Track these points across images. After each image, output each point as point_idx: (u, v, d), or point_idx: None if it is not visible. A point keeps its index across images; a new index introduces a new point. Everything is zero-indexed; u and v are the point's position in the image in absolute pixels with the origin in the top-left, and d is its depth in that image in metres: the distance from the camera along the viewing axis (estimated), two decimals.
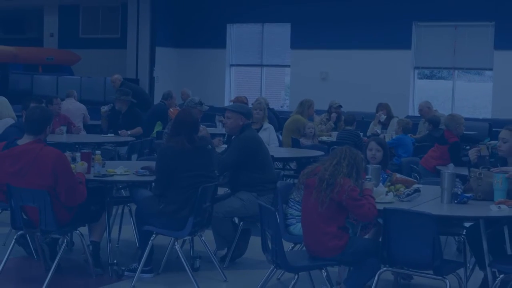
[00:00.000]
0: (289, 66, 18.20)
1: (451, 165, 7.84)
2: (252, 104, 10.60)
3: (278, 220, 5.29)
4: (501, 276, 5.04)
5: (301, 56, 17.67)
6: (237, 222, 6.71)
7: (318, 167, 5.13)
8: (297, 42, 17.75)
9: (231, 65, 18.97)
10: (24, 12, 22.28)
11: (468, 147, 7.92)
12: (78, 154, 6.57)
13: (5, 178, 5.69)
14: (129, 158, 9.17)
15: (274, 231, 4.97)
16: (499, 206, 5.12)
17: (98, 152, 6.55)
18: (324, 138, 11.07)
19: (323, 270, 5.15)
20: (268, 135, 9.32)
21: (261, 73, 18.87)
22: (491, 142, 7.82)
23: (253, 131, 6.92)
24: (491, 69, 16.01)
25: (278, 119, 12.59)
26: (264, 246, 5.19)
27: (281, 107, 19.15)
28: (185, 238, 6.33)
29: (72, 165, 6.01)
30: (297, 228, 5.68)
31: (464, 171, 6.21)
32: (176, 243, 5.95)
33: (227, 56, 18.82)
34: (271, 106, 13.31)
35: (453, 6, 15.90)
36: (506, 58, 15.45)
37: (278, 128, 11.31)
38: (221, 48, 18.71)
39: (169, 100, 11.77)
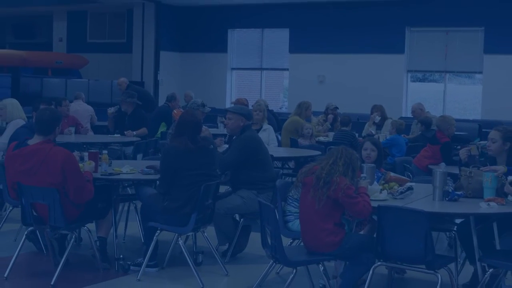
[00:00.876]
0: (287, 69, 18.21)
1: (443, 164, 7.82)
2: (252, 106, 10.58)
3: (277, 217, 5.26)
4: (490, 270, 5.04)
5: (299, 60, 17.66)
6: (238, 218, 6.71)
7: (315, 166, 5.13)
8: (295, 47, 17.75)
9: (232, 69, 18.97)
10: (34, 18, 22.26)
11: (459, 147, 7.88)
12: (86, 154, 6.55)
13: (16, 177, 5.69)
14: (134, 158, 9.15)
15: (273, 227, 4.95)
16: (489, 204, 5.12)
17: (105, 151, 6.53)
18: (321, 139, 11.06)
19: (320, 265, 5.14)
20: (267, 135, 9.31)
21: (261, 76, 18.86)
22: (480, 142, 7.82)
23: (253, 132, 6.91)
24: (480, 73, 16.03)
25: (277, 120, 12.55)
26: (264, 241, 5.18)
27: (280, 108, 19.15)
28: (188, 234, 6.35)
29: (80, 164, 6.00)
30: (295, 224, 5.66)
31: (455, 170, 6.17)
32: (179, 238, 5.95)
33: (228, 60, 18.82)
34: (270, 108, 13.27)
35: (445, 12, 15.92)
36: (495, 62, 15.46)
37: (277, 129, 11.27)
38: (223, 52, 18.72)
39: (173, 102, 11.74)
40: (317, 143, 10.48)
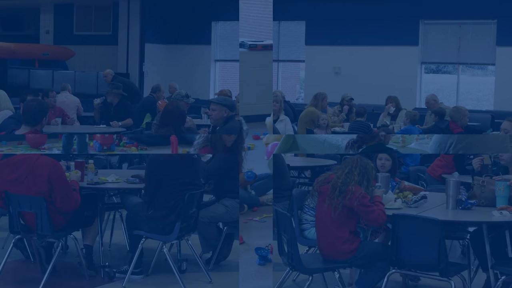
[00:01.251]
0: (303, 61, 18.36)
1: (456, 173, 7.89)
2: (235, 97, 10.62)
3: (294, 225, 5.47)
4: (502, 277, 5.20)
5: (315, 52, 17.84)
6: (221, 227, 6.79)
7: (331, 175, 5.33)
8: (311, 39, 17.93)
9: (216, 60, 19.10)
10: (22, 11, 22.41)
11: (471, 156, 8.01)
12: (72, 163, 6.63)
13: (4, 186, 5.80)
14: (120, 167, 9.32)
15: (289, 235, 5.14)
16: (501, 212, 5.29)
17: (91, 161, 6.63)
18: (337, 129, 11.29)
19: (335, 272, 5.32)
20: (284, 126, 9.57)
21: (277, 68, 18.96)
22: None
23: (236, 123, 6.96)
24: (493, 64, 16.23)
25: (293, 111, 12.83)
26: (280, 249, 5.36)
27: (296, 100, 19.29)
28: (172, 242, 6.46)
29: (67, 173, 6.11)
30: (311, 232, 5.80)
31: (468, 179, 6.31)
32: (164, 246, 6.09)
33: (212, 52, 18.94)
34: (287, 99, 13.46)
35: (458, 4, 16.08)
36: (507, 53, 15.65)
37: (294, 120, 11.62)
38: (206, 44, 18.86)
39: (158, 93, 11.98)
40: (332, 133, 10.58)
